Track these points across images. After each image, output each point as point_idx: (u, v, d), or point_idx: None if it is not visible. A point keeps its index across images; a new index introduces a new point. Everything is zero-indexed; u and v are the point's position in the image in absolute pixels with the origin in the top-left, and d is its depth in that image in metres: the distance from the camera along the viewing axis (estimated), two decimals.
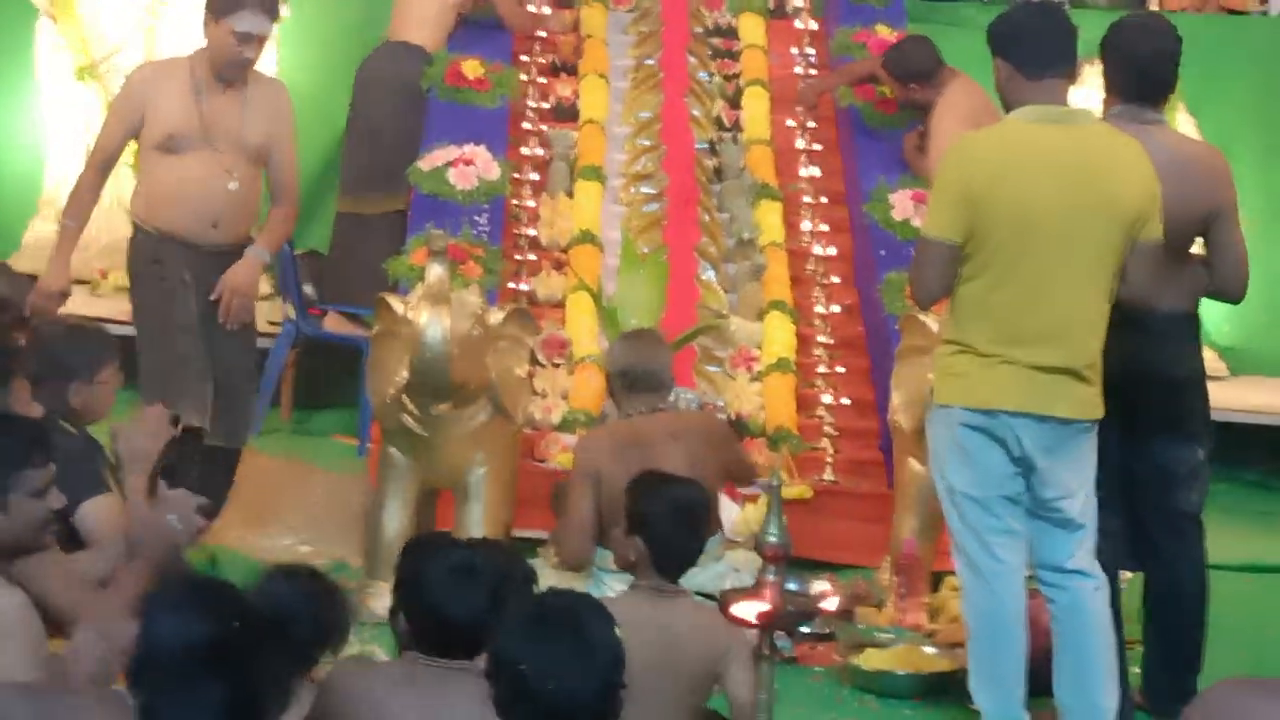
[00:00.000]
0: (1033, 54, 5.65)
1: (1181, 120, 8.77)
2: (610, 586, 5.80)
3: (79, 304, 8.56)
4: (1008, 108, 5.76)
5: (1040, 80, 5.60)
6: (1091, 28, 6.27)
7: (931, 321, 7.06)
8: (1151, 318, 5.72)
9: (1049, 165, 5.49)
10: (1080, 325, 5.49)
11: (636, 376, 6.56)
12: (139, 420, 5.59)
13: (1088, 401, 5.51)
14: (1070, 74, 5.74)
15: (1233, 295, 6.10)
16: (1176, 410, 5.88)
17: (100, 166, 6.38)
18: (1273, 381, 9.54)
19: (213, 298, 6.51)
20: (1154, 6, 10.11)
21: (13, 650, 4.32)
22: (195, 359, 6.50)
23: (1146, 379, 5.71)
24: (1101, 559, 5.62)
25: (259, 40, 6.45)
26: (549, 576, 5.98)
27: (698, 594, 5.21)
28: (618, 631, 3.61)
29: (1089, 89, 7.84)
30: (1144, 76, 5.96)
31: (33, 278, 7.93)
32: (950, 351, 5.62)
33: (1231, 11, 10.42)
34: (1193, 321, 6.03)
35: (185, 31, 9.89)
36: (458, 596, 4.17)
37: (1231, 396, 6.99)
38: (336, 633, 4.50)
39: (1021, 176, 5.46)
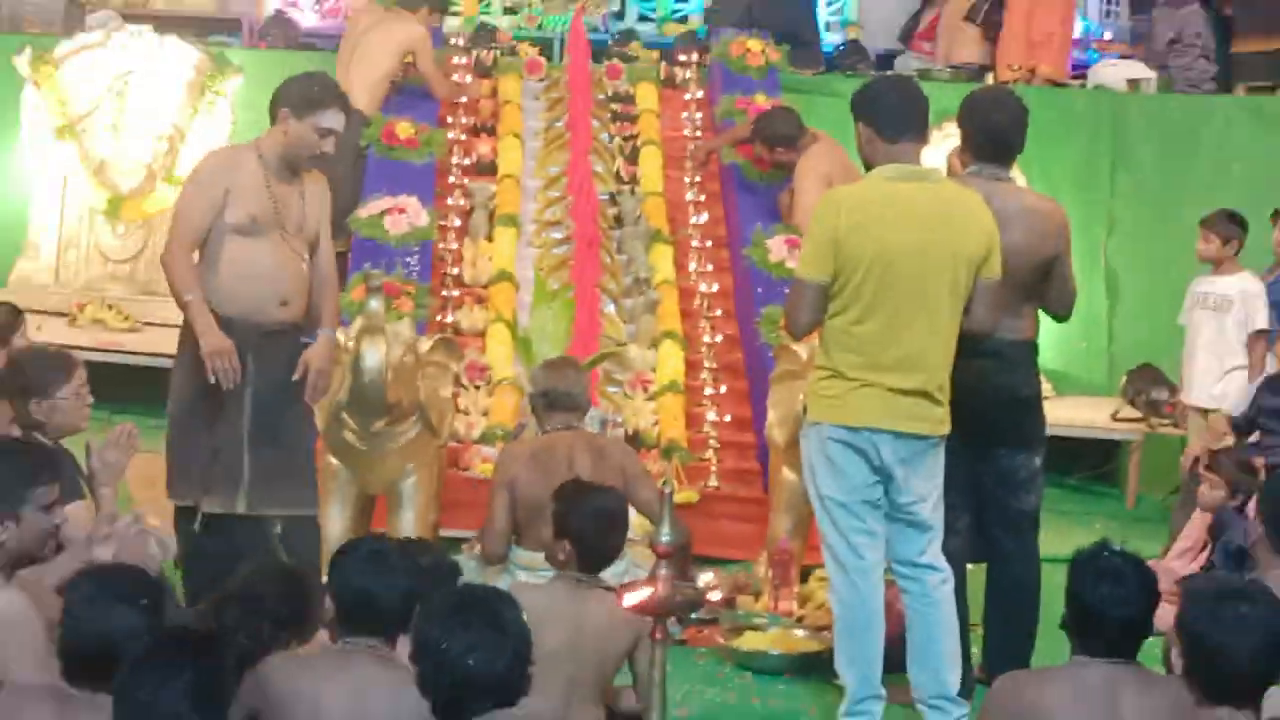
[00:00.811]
0: (889, 120, 5.68)
1: (1014, 176, 8.85)
2: (520, 578, 5.83)
3: (59, 334, 8.51)
4: (868, 167, 5.79)
5: (896, 143, 5.63)
6: (938, 99, 6.32)
7: (801, 349, 7.08)
8: (1002, 345, 5.80)
9: (904, 215, 5.51)
10: (932, 353, 5.51)
11: (556, 397, 6.56)
12: (110, 437, 5.55)
13: (938, 420, 5.55)
14: (922, 138, 5.77)
15: (1063, 316, 6.21)
16: (1019, 425, 5.94)
17: (191, 245, 6.13)
18: (1089, 400, 9.68)
19: (296, 376, 6.25)
20: (990, 79, 10.17)
21: (19, 646, 4.28)
22: (230, 448, 6.13)
23: (997, 398, 5.79)
24: (949, 553, 5.67)
25: (336, 135, 6.32)
26: (471, 570, 5.98)
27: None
28: (525, 618, 3.64)
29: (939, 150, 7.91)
30: (997, 142, 6.02)
31: (15, 308, 7.90)
32: (821, 376, 5.63)
33: (1055, 84, 10.49)
34: (1034, 349, 6.10)
35: (147, 99, 9.91)
36: (378, 586, 4.17)
37: (1057, 414, 7.05)
38: (310, 623, 4.49)
39: (881, 225, 5.48)
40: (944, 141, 8.12)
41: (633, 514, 6.69)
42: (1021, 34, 10.75)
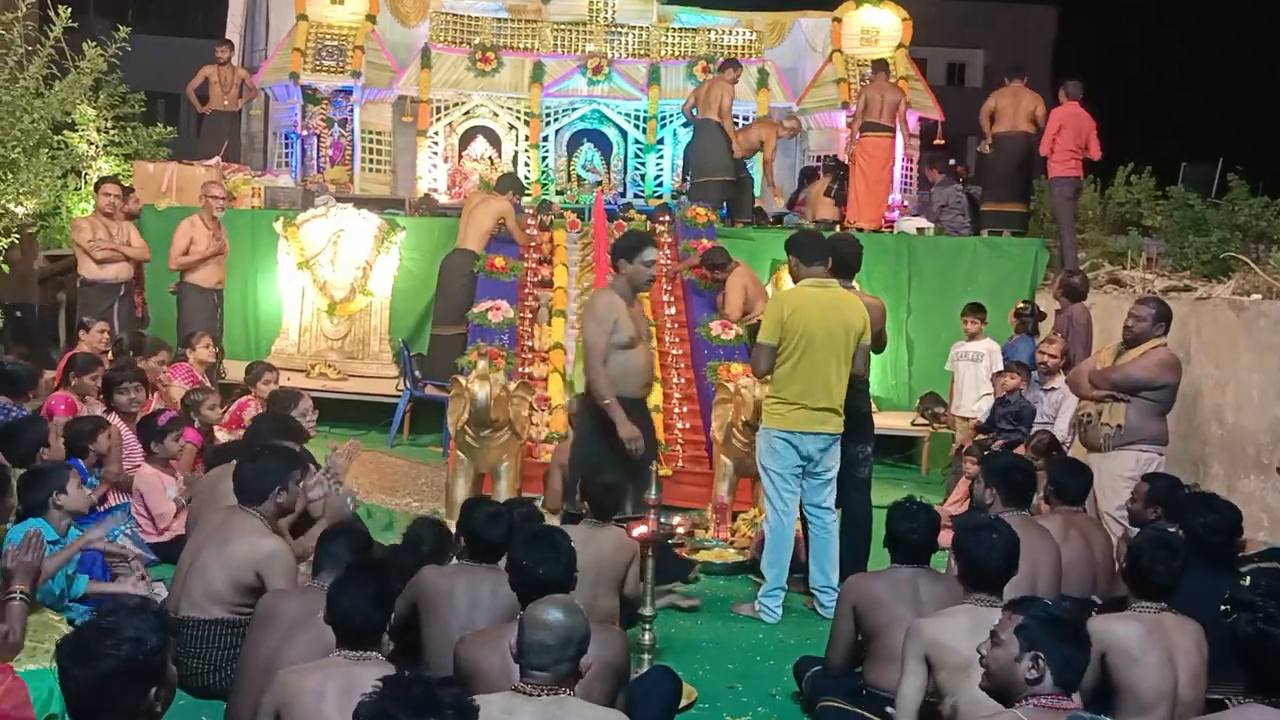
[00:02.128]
0: (808, 254, 5.81)
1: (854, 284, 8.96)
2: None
3: (299, 382, 8.50)
4: (795, 279, 5.89)
5: (811, 266, 5.76)
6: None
7: (731, 386, 7.10)
8: (858, 381, 5.81)
9: (818, 307, 5.63)
10: (836, 386, 5.62)
11: None
12: (343, 446, 5.59)
13: (838, 425, 5.66)
14: (825, 263, 5.80)
15: (879, 351, 6.19)
16: (860, 427, 5.91)
17: (603, 357, 5.60)
18: (898, 413, 9.66)
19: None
20: (838, 229, 10.19)
21: (282, 569, 4.27)
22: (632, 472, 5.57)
23: (852, 411, 5.77)
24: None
25: (656, 264, 5.89)
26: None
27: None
28: (573, 544, 3.63)
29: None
30: (849, 264, 6.04)
31: (271, 366, 7.88)
32: (771, 401, 5.75)
33: (875, 231, 10.50)
34: (868, 384, 6.13)
35: (350, 246, 9.94)
36: (490, 526, 4.17)
37: (880, 421, 7.06)
38: (448, 552, 4.49)
39: (806, 313, 5.61)
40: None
41: None
42: (855, 203, 10.81)
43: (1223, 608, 3.04)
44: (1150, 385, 5.84)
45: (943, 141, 12.47)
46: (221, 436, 6.82)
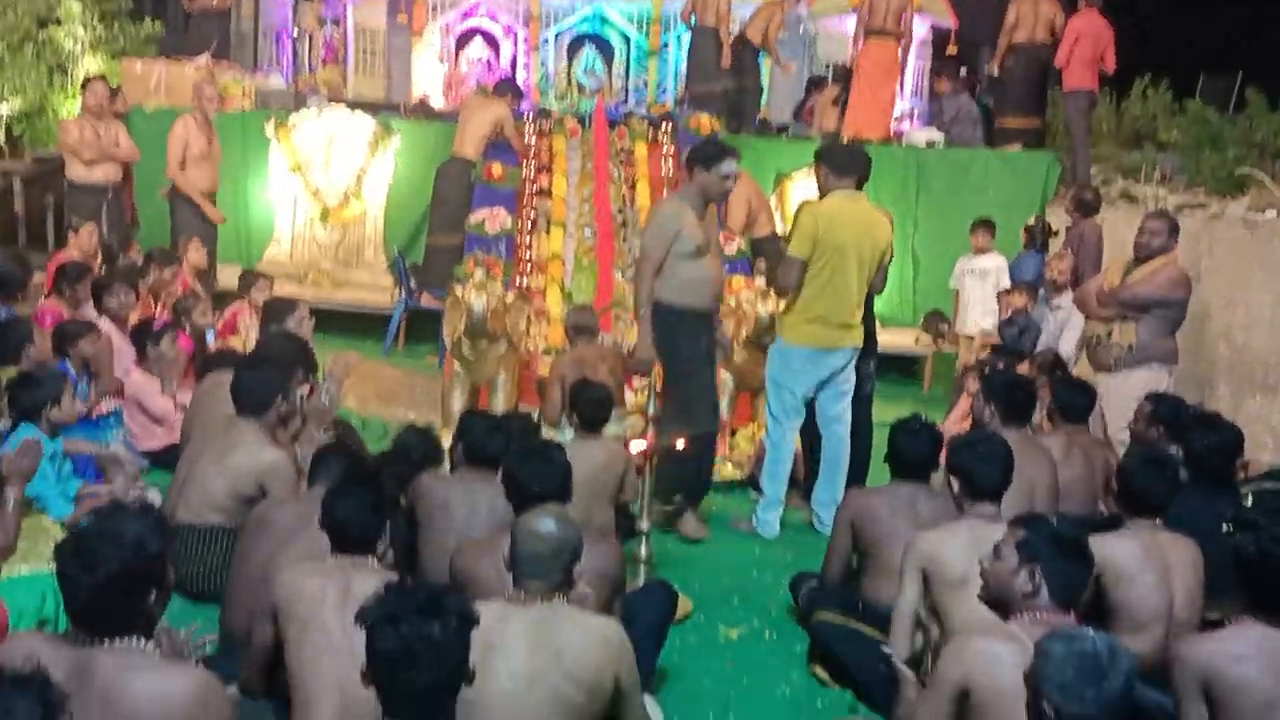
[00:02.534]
0: (841, 166, 5.68)
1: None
2: (567, 434, 5.82)
3: (292, 291, 8.49)
4: (824, 192, 5.72)
5: (841, 179, 5.65)
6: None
7: (733, 300, 7.06)
8: (868, 298, 5.79)
9: (850, 222, 5.55)
10: (858, 302, 5.60)
11: (579, 327, 6.58)
12: (340, 357, 5.59)
13: (857, 339, 5.66)
14: (856, 178, 5.67)
15: (878, 293, 6.01)
16: (866, 344, 5.86)
17: (656, 266, 5.50)
18: (902, 330, 9.63)
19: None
20: (844, 140, 10.08)
21: (281, 480, 4.31)
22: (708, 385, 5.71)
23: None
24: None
25: (733, 178, 5.64)
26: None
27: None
28: (572, 457, 3.66)
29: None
30: (861, 175, 5.81)
31: (266, 276, 7.91)
32: (796, 319, 5.62)
33: (882, 143, 10.36)
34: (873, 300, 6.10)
35: (343, 149, 9.84)
36: (485, 439, 4.19)
37: (884, 339, 7.01)
38: (438, 458, 4.52)
39: (839, 227, 5.52)
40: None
41: (629, 397, 6.76)
42: (856, 112, 10.60)
43: (1224, 528, 3.08)
44: (1162, 302, 5.80)
45: (955, 50, 12.25)
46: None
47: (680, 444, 5.16)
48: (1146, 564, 3.65)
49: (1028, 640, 2.73)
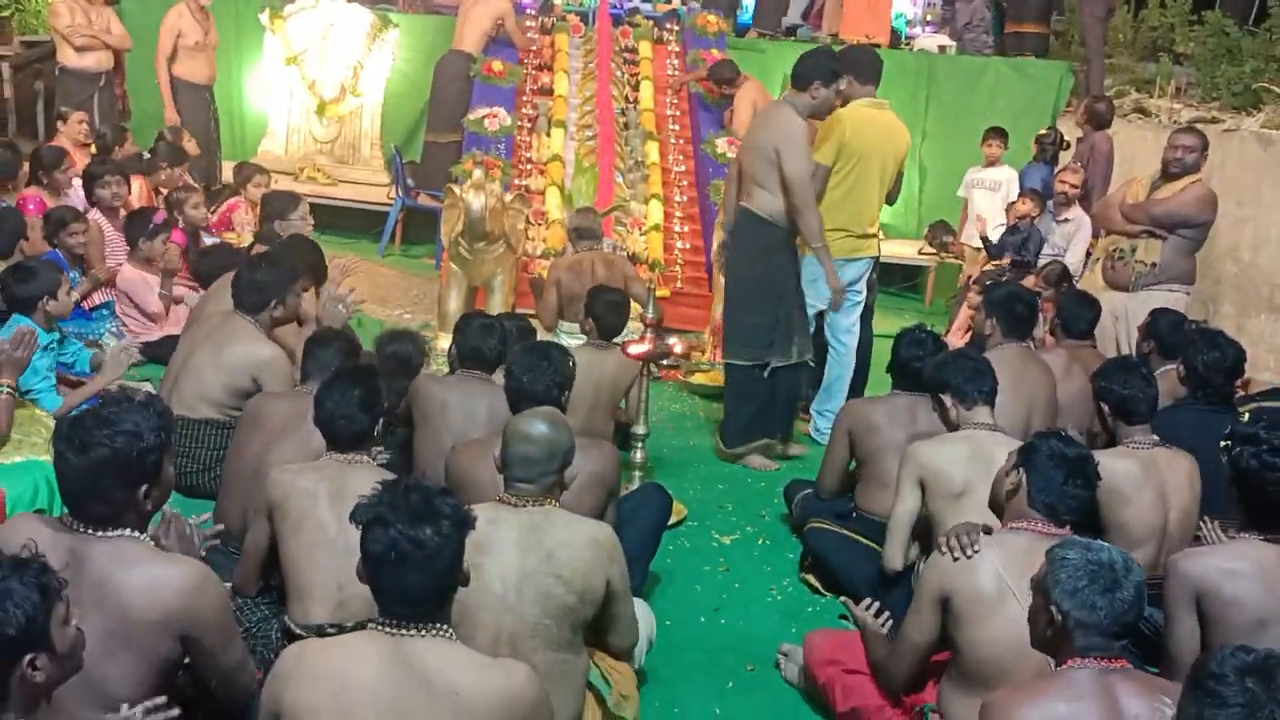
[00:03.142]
0: (864, 72, 5.63)
1: None
2: (564, 339, 5.79)
3: (288, 186, 8.38)
4: (845, 101, 5.54)
5: (865, 85, 5.61)
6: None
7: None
8: None
9: (874, 130, 5.52)
10: (877, 211, 5.62)
11: (583, 231, 6.53)
12: (340, 261, 5.56)
13: (875, 247, 5.68)
14: (877, 82, 5.67)
15: (890, 204, 6.02)
16: None
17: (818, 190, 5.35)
18: (905, 241, 9.58)
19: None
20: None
21: (276, 375, 4.31)
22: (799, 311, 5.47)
23: None
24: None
25: (841, 95, 5.40)
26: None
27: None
28: (569, 360, 3.65)
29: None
30: (877, 75, 5.74)
31: (261, 168, 7.84)
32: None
33: (891, 47, 10.17)
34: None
35: (340, 41, 9.67)
36: (483, 338, 4.19)
37: (886, 249, 6.99)
38: (421, 361, 4.51)
39: (865, 136, 5.48)
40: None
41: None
42: (852, 11, 10.38)
43: (1222, 443, 3.08)
44: (1191, 222, 5.71)
45: None
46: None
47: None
48: (1145, 482, 3.66)
49: (1000, 547, 2.81)
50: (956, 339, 7.20)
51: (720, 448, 5.52)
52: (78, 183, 6.53)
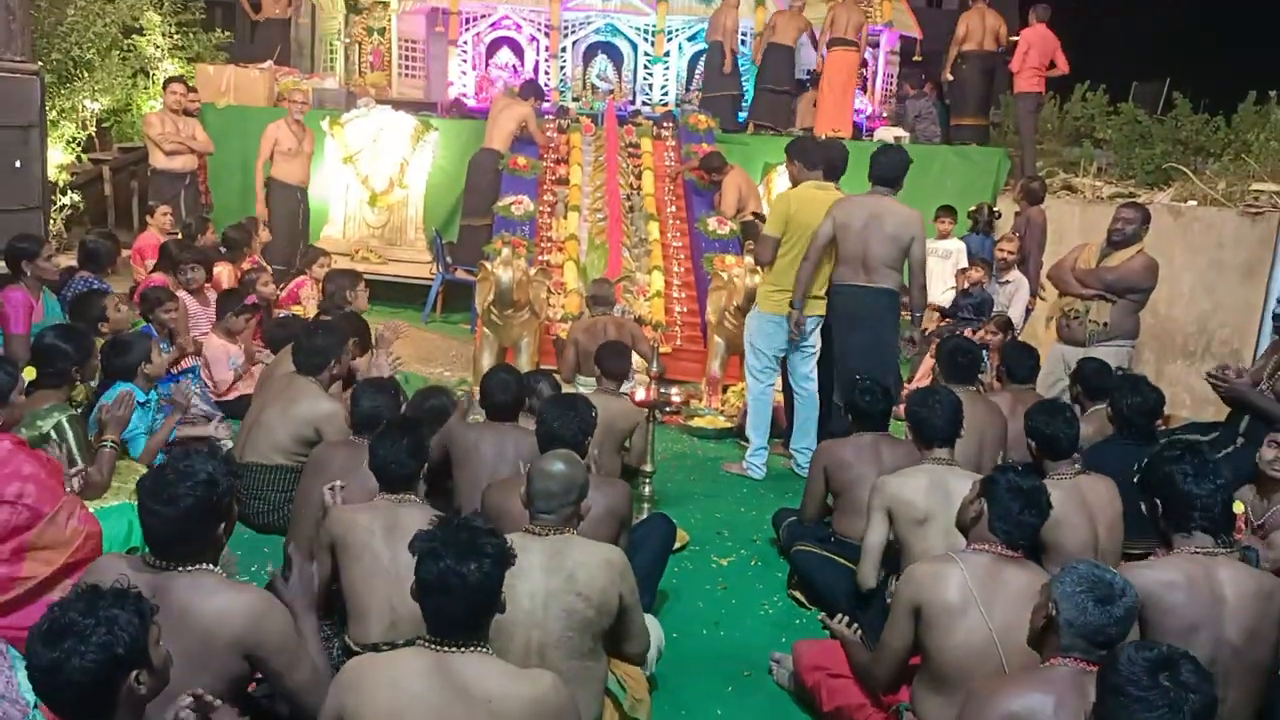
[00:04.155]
0: (808, 160, 5.64)
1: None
2: (582, 390, 5.79)
3: (345, 265, 8.44)
4: (795, 181, 5.66)
5: (811, 171, 5.61)
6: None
7: (725, 275, 7.06)
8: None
9: (817, 207, 5.48)
10: (824, 277, 5.52)
11: (598, 298, 6.56)
12: (388, 325, 5.56)
13: (823, 308, 5.57)
14: (824, 169, 5.63)
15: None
16: None
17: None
18: None
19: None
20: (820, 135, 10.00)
21: (335, 428, 4.26)
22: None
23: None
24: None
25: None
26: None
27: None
28: (592, 411, 3.64)
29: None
30: (832, 167, 5.75)
31: (324, 251, 7.89)
32: (770, 289, 5.58)
33: (853, 139, 10.27)
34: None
35: (388, 143, 9.77)
36: (499, 392, 4.17)
37: None
38: (451, 411, 4.48)
39: (808, 211, 5.47)
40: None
41: (637, 359, 6.76)
42: (825, 112, 10.47)
43: (1135, 469, 3.06)
44: (1138, 288, 5.62)
45: (920, 58, 12.13)
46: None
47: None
48: (1072, 507, 3.59)
49: (965, 565, 2.79)
50: (919, 385, 7.18)
51: None
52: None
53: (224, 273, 6.91)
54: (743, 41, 11.33)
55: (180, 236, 7.52)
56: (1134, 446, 4.09)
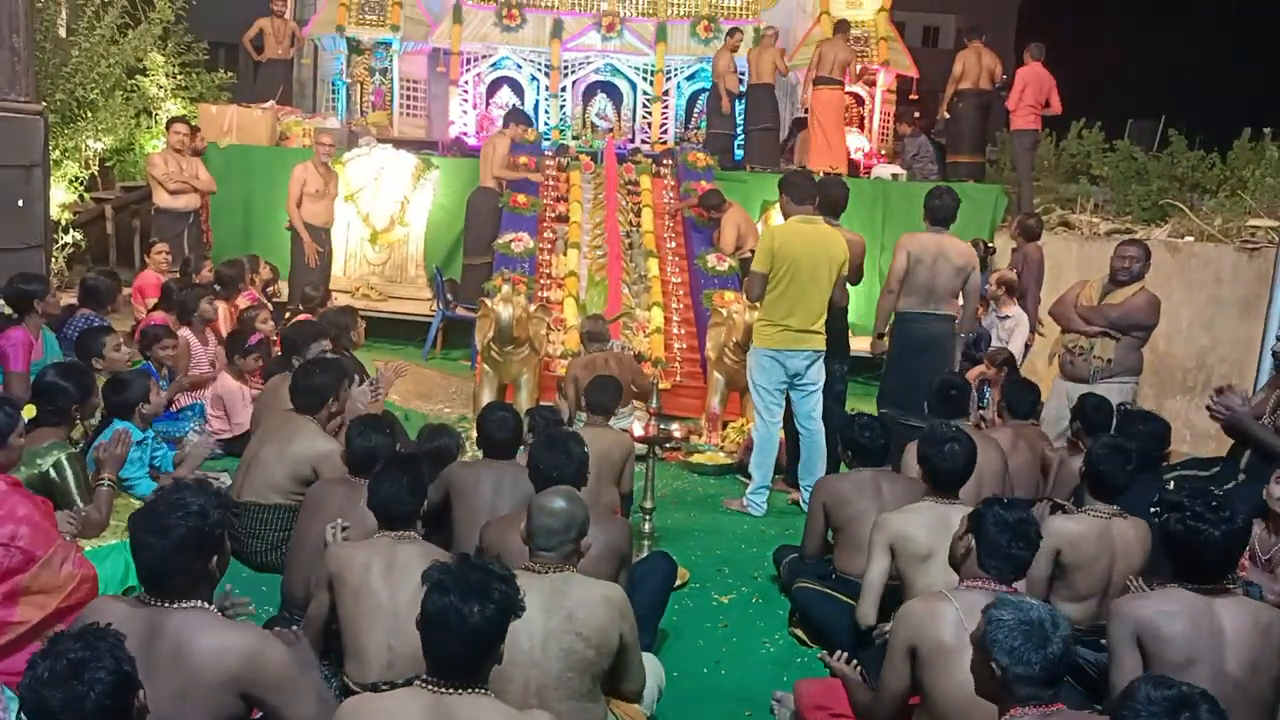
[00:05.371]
0: (797, 194, 5.67)
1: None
2: (579, 422, 5.79)
3: (346, 301, 8.45)
4: (786, 215, 5.73)
5: (800, 205, 5.64)
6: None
7: (724, 311, 7.07)
8: (837, 307, 5.73)
9: (804, 240, 5.51)
10: (817, 311, 5.54)
11: (592, 335, 6.57)
12: (388, 365, 5.55)
13: (820, 343, 5.59)
14: (813, 204, 5.68)
15: (856, 283, 6.07)
16: (839, 348, 5.86)
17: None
18: (866, 338, 9.54)
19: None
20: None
21: (331, 467, 4.23)
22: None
23: (833, 334, 5.71)
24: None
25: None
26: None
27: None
28: (584, 448, 3.62)
29: None
30: (833, 204, 5.87)
31: (327, 289, 7.91)
32: (762, 324, 5.63)
33: (851, 176, 10.32)
34: (846, 310, 6.01)
35: (389, 181, 9.83)
36: (497, 430, 4.16)
37: (853, 344, 6.94)
38: (456, 451, 4.47)
39: (793, 244, 5.49)
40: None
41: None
42: (816, 150, 10.50)
43: (1152, 509, 3.04)
44: (1142, 325, 5.61)
45: (916, 97, 12.23)
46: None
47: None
48: (1101, 550, 3.57)
49: (958, 602, 2.75)
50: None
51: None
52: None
53: (219, 310, 6.91)
54: (740, 80, 11.44)
55: (179, 275, 7.54)
56: (1144, 479, 4.07)
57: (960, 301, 6.03)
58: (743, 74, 11.29)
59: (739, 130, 11.25)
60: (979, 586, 2.83)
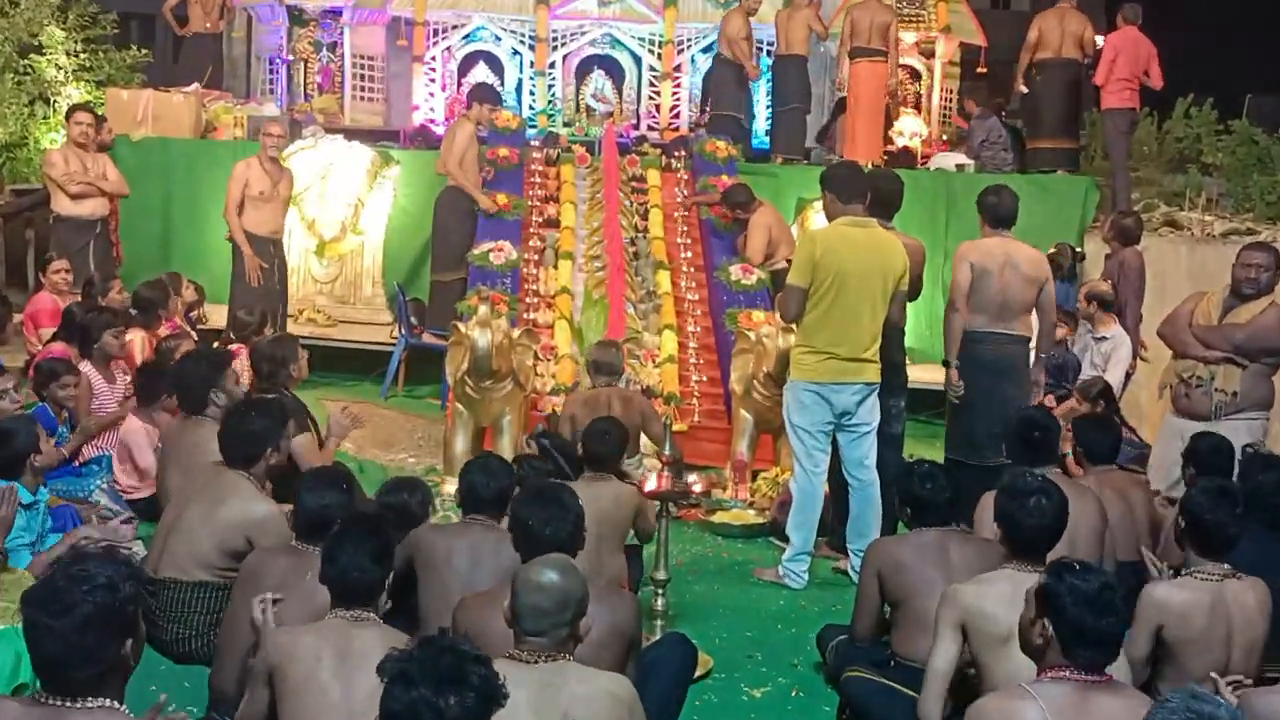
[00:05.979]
0: (845, 191, 5.67)
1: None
2: None
3: (288, 328, 8.49)
4: (830, 217, 5.76)
5: (848, 204, 5.64)
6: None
7: (752, 335, 7.09)
8: (892, 330, 5.73)
9: (853, 248, 5.52)
10: (870, 335, 5.54)
11: (601, 365, 6.58)
12: (341, 410, 5.56)
13: (874, 374, 5.59)
14: (863, 200, 5.68)
15: (914, 298, 6.06)
16: (894, 379, 5.85)
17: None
18: (928, 366, 9.55)
19: None
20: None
21: (273, 534, 4.24)
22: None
23: (886, 362, 5.69)
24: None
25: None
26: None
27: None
28: (578, 499, 3.62)
29: None
30: (886, 202, 5.89)
31: (265, 315, 7.90)
32: (801, 351, 5.65)
33: (909, 167, 10.37)
34: (904, 334, 6.05)
35: (340, 180, 9.89)
36: (488, 483, 4.16)
37: (914, 374, 6.94)
38: (422, 512, 4.47)
39: (840, 254, 5.49)
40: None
41: (646, 441, 6.75)
42: (851, 136, 10.60)
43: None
44: (1274, 348, 5.56)
45: (985, 70, 12.29)
46: None
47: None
48: (1214, 621, 3.57)
49: (1042, 699, 2.72)
50: None
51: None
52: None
53: (136, 340, 6.91)
54: (766, 53, 11.50)
55: (81, 297, 7.53)
56: (1272, 538, 4.06)
57: (1034, 320, 6.05)
58: (767, 45, 11.35)
59: (753, 112, 11.29)
60: (1066, 677, 2.81)
